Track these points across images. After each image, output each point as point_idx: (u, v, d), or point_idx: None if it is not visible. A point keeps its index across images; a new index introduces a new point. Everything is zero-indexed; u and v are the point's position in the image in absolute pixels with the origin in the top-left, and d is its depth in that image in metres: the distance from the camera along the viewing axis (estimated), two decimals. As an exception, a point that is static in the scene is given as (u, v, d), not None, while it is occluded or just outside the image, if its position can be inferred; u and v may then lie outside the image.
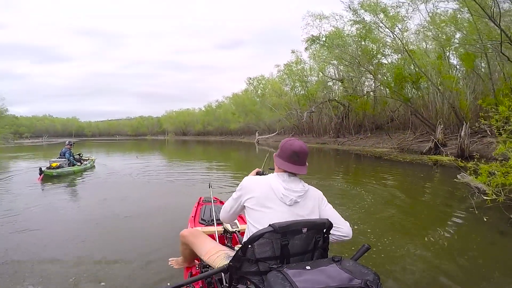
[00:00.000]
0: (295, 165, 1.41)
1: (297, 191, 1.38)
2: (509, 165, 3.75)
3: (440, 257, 2.72)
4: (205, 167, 11.20)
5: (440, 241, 3.09)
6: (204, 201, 3.12)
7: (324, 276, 1.03)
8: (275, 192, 1.36)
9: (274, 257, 1.21)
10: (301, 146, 1.43)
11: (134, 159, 14.06)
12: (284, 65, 30.12)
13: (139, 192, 6.16)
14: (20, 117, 71.49)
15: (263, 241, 1.19)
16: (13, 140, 37.62)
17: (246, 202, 1.40)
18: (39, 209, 4.60)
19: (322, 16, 18.83)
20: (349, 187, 6.38)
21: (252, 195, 1.39)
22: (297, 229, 1.23)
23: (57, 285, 2.27)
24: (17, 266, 2.57)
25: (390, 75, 17.45)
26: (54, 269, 2.50)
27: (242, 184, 1.46)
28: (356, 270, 1.07)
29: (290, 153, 1.42)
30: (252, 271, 1.21)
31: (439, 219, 4.04)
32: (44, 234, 3.42)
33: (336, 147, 21.33)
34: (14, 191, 6.05)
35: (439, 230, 3.41)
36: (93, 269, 2.49)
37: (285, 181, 1.39)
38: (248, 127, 44.46)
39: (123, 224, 3.83)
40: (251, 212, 1.38)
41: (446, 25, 12.45)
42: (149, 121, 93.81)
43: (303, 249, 1.27)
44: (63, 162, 8.11)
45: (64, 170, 7.96)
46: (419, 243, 3.05)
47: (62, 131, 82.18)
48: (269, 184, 1.39)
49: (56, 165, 7.73)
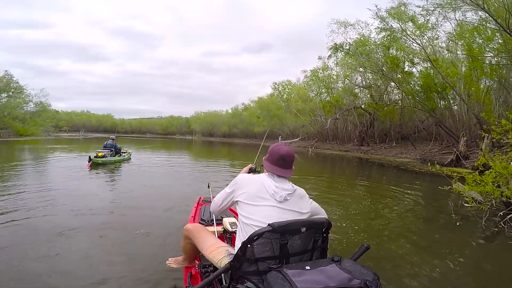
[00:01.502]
0: (282, 168, 1.52)
1: (287, 189, 1.46)
2: (486, 173, 4.09)
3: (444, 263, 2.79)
4: (228, 165, 12.08)
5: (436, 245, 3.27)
6: (204, 201, 3.17)
7: (324, 276, 1.04)
8: (267, 189, 1.44)
9: (274, 257, 1.23)
10: (287, 151, 1.54)
11: (163, 155, 15.36)
12: (311, 71, 30.38)
13: (163, 181, 7.09)
14: (60, 112, 74.21)
15: (262, 241, 1.21)
16: (53, 133, 40.27)
17: (239, 197, 1.47)
18: (84, 188, 5.86)
19: (347, 24, 18.91)
20: (330, 192, 6.42)
21: (245, 190, 1.46)
22: (296, 228, 1.26)
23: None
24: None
25: (415, 84, 17.23)
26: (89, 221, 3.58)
27: (236, 180, 1.54)
28: (356, 270, 1.08)
29: (277, 157, 1.52)
30: (252, 271, 1.22)
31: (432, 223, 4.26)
32: (86, 204, 4.48)
33: (358, 155, 21.22)
34: (69, 174, 7.36)
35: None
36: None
37: (276, 181, 1.49)
38: (271, 131, 45.04)
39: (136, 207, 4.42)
40: (243, 206, 1.44)
41: (472, 36, 12.27)
42: (178, 121, 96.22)
43: (302, 249, 1.30)
44: (107, 153, 9.45)
45: (107, 160, 9.27)
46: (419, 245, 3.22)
47: (97, 127, 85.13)
48: (261, 181, 1.48)
49: (101, 155, 9.11)
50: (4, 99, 32.36)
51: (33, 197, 4.65)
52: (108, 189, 5.98)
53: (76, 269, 2.41)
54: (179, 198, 5.01)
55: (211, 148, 28.76)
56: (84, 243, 2.95)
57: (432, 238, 3.60)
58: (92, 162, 8.58)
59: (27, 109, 35.23)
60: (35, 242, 2.91)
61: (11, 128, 29.66)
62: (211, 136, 71.56)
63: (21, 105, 33.76)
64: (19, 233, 3.13)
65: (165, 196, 5.24)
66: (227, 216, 2.31)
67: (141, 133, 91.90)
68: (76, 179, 6.67)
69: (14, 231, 3.19)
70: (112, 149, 9.87)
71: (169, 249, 2.74)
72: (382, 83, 20.12)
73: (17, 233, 3.13)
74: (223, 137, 65.05)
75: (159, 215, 4.02)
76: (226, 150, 26.26)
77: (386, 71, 16.85)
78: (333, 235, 3.23)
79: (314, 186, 7.16)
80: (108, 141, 10.16)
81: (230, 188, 1.55)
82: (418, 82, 17.03)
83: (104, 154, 9.25)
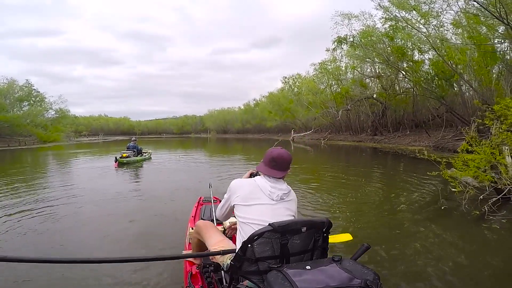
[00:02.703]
0: (273, 169, 1.57)
1: (283, 189, 1.52)
2: (470, 157, 4.41)
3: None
4: (244, 159, 12.75)
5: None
6: (204, 201, 3.20)
7: (324, 276, 1.05)
8: (262, 190, 1.49)
9: (274, 257, 1.24)
10: (278, 154, 1.59)
11: (179, 153, 16.25)
12: (319, 64, 30.31)
13: (179, 176, 7.80)
14: (79, 117, 75.82)
15: (262, 241, 1.23)
16: (74, 138, 42.09)
17: (234, 201, 1.53)
18: (114, 184, 6.89)
19: (351, 15, 18.74)
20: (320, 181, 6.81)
21: (239, 193, 1.52)
22: (296, 228, 1.27)
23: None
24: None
25: (427, 72, 17.07)
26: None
27: (230, 187, 1.60)
28: (356, 269, 1.08)
29: (269, 159, 1.59)
30: (252, 271, 1.23)
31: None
32: (113, 193, 5.37)
33: (371, 145, 21.26)
34: (99, 173, 8.36)
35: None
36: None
37: (271, 181, 1.54)
38: (284, 125, 45.29)
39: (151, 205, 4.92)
40: (239, 207, 1.50)
41: (476, 22, 12.10)
42: (192, 120, 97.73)
43: (303, 249, 1.30)
44: (130, 153, 10.53)
45: (131, 159, 10.31)
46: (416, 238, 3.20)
47: (115, 130, 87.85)
48: (255, 184, 1.53)
49: (125, 156, 10.18)
50: (25, 107, 34.19)
51: (75, 192, 5.60)
52: (133, 185, 6.90)
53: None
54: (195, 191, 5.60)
55: (226, 145, 29.43)
56: (117, 225, 3.72)
57: (436, 234, 3.42)
58: (118, 162, 9.62)
59: (47, 116, 36.97)
60: (84, 220, 3.84)
61: (35, 135, 31.28)
62: (225, 133, 72.26)
63: (42, 112, 35.27)
64: (71, 214, 3.99)
65: (183, 189, 5.97)
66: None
67: (158, 133, 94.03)
68: (106, 177, 7.67)
69: (69, 213, 4.11)
70: (135, 150, 10.96)
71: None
72: (391, 72, 19.95)
73: (69, 214, 4.00)
74: (237, 133, 65.74)
75: (177, 206, 4.50)
76: (241, 146, 26.83)
77: (393, 60, 16.80)
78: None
79: (309, 177, 7.65)
80: (130, 143, 11.27)
81: (227, 194, 1.62)
82: (429, 70, 16.87)
83: (128, 154, 10.33)
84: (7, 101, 31.89)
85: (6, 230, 3.47)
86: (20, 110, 33.33)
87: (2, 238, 3.23)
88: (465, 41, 12.50)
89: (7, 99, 31.93)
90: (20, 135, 30.01)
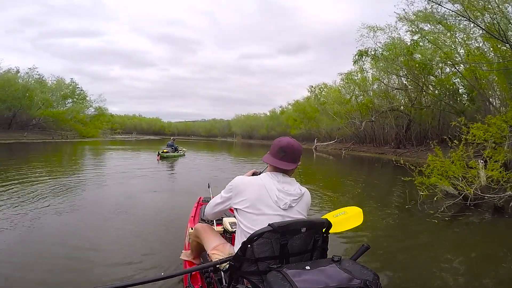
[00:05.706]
0: (281, 161, 1.45)
1: (292, 194, 1.40)
2: (432, 167, 5.30)
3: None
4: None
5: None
6: (204, 201, 3.15)
7: (324, 276, 1.05)
8: (270, 195, 1.37)
9: (274, 257, 1.24)
10: (288, 142, 1.47)
11: (208, 153, 18.06)
12: (345, 74, 30.69)
13: (209, 172, 9.31)
14: (114, 115, 77.36)
15: (262, 241, 1.22)
16: (109, 135, 43.89)
17: (238, 205, 1.42)
18: (157, 171, 9.01)
19: (377, 28, 19.00)
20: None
21: (244, 197, 1.40)
22: (296, 228, 1.25)
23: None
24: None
25: (441, 88, 17.30)
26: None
27: (232, 184, 1.46)
28: (356, 270, 1.08)
29: (277, 149, 1.47)
30: (252, 271, 1.24)
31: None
32: (150, 182, 7.16)
33: (392, 157, 21.38)
34: (146, 163, 10.52)
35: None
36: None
37: (280, 182, 1.42)
38: (309, 133, 45.77)
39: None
40: (244, 214, 1.39)
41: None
42: (220, 123, 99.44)
43: (302, 249, 1.30)
44: (169, 150, 12.67)
45: (170, 155, 12.50)
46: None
47: (147, 129, 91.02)
48: (262, 185, 1.40)
49: (166, 151, 12.33)
50: (69, 104, 36.95)
51: (132, 177, 7.40)
52: (173, 175, 8.74)
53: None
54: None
55: (250, 149, 31.00)
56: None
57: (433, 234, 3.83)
58: (160, 156, 11.86)
59: (87, 113, 39.47)
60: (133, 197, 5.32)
61: (75, 130, 34.15)
62: (250, 138, 73.46)
63: (83, 109, 37.85)
64: (121, 194, 5.51)
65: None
66: (227, 216, 2.24)
67: (186, 135, 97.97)
68: (153, 166, 9.83)
69: (119, 196, 5.46)
70: (173, 147, 13.17)
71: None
72: (413, 86, 20.14)
73: (119, 195, 5.53)
74: (261, 140, 66.88)
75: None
76: (265, 150, 27.89)
77: (416, 74, 17.15)
78: (333, 235, 3.57)
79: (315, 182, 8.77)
80: (169, 141, 13.58)
81: (226, 192, 1.50)
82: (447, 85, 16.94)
83: (167, 150, 12.48)
84: (54, 97, 34.46)
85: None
86: (64, 106, 35.97)
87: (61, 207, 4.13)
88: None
89: (53, 96, 34.59)
90: (62, 129, 32.51)
